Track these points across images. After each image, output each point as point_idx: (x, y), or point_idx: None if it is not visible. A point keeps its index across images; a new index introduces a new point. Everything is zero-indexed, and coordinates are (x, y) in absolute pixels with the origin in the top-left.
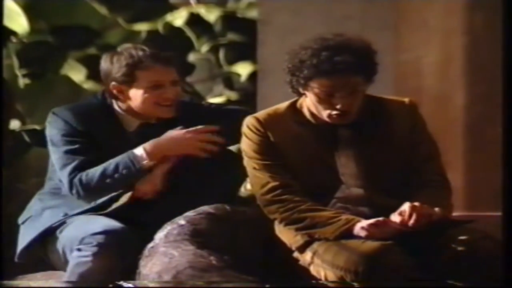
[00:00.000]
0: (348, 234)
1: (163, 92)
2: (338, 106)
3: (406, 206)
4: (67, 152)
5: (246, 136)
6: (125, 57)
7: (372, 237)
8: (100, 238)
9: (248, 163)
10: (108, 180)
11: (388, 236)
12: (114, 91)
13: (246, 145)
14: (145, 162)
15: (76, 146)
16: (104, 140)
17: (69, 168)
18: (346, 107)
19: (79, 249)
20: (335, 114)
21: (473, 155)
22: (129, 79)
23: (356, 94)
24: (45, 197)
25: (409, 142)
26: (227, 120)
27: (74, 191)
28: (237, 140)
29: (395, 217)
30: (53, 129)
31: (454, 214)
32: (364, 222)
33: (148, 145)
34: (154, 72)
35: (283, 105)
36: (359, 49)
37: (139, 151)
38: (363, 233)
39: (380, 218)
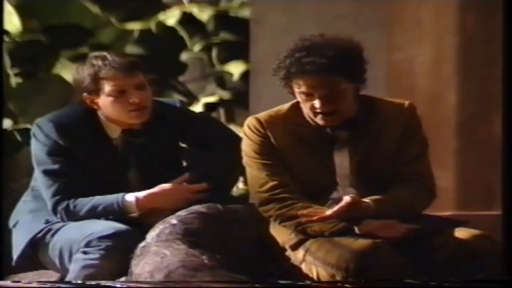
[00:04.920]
0: (344, 230)
1: (128, 98)
2: (317, 106)
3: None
4: (49, 172)
5: (247, 136)
6: (87, 67)
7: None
8: (108, 241)
9: (248, 163)
10: (94, 217)
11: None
12: (88, 102)
13: (247, 145)
14: (133, 213)
15: (58, 166)
16: (89, 151)
17: (51, 190)
18: (327, 108)
19: (85, 252)
20: (319, 114)
21: (465, 154)
22: (96, 89)
23: (338, 94)
24: (28, 198)
25: (398, 144)
26: (215, 139)
27: (58, 216)
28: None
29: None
30: (36, 144)
31: (447, 213)
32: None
33: (142, 195)
34: (115, 79)
35: (285, 106)
36: (336, 49)
37: (130, 198)
38: (375, 233)
39: (390, 221)
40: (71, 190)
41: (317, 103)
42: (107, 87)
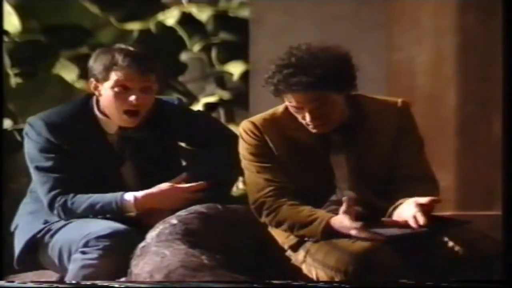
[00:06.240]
0: (333, 232)
1: (128, 96)
2: (307, 119)
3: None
4: (42, 169)
5: (244, 140)
6: (107, 57)
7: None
8: (106, 240)
9: (246, 166)
10: (91, 216)
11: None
12: (91, 86)
13: (243, 148)
14: (131, 213)
15: (51, 162)
16: (83, 148)
17: (46, 187)
18: (317, 121)
19: (83, 252)
20: (310, 126)
21: (465, 154)
22: (102, 77)
23: (328, 106)
24: (27, 200)
25: (394, 143)
26: (213, 138)
27: (55, 212)
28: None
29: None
30: (28, 142)
31: (447, 213)
32: (346, 222)
33: (140, 195)
34: (125, 75)
35: (279, 109)
36: (323, 64)
37: (129, 197)
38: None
39: (358, 225)
40: (66, 185)
41: (307, 116)
42: (115, 78)
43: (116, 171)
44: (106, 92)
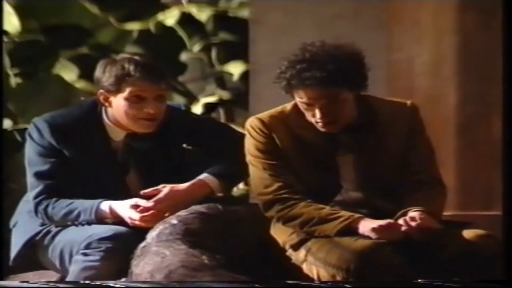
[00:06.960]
0: (348, 230)
1: (143, 106)
2: (317, 116)
3: (410, 215)
4: (36, 174)
5: (251, 136)
6: (116, 68)
7: (379, 238)
8: (108, 242)
9: (251, 162)
10: (69, 222)
11: (395, 239)
12: (101, 98)
13: (251, 144)
14: (107, 219)
15: (47, 167)
16: (86, 153)
17: (34, 192)
18: (327, 118)
19: (85, 254)
20: (319, 123)
21: (465, 154)
22: (115, 89)
23: (338, 103)
24: (26, 199)
25: (405, 145)
26: (220, 142)
27: (39, 216)
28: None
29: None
30: (30, 144)
31: (447, 213)
32: (374, 222)
33: (114, 207)
34: (138, 86)
35: (287, 107)
36: (337, 61)
37: (104, 207)
38: (372, 234)
39: (391, 221)
40: (55, 192)
41: (317, 113)
42: (128, 91)
43: (120, 178)
44: (119, 103)
